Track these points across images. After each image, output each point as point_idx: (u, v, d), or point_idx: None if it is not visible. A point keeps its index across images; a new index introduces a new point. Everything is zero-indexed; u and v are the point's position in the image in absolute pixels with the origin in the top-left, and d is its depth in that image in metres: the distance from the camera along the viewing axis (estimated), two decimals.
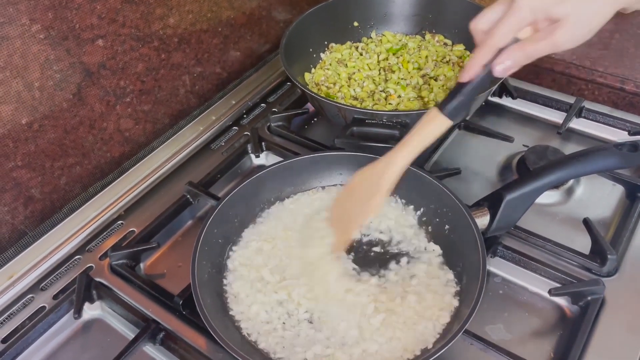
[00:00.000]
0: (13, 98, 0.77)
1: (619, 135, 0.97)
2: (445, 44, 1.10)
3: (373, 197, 0.69)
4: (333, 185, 0.87)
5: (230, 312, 0.72)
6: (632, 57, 1.08)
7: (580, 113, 1.00)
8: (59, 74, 0.81)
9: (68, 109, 0.85)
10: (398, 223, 0.81)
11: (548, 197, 0.87)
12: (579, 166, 0.73)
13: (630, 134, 0.96)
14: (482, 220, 0.74)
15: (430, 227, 0.80)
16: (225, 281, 0.75)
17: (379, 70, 1.06)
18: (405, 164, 0.69)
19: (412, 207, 0.83)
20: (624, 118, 0.98)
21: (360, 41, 1.14)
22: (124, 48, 0.89)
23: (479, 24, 0.64)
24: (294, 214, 0.84)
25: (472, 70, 0.63)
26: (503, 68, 0.62)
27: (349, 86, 1.02)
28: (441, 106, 0.65)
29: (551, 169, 0.74)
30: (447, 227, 0.78)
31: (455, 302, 0.70)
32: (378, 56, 1.08)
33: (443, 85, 0.99)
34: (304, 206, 0.85)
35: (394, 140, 0.82)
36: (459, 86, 0.64)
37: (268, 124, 1.04)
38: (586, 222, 0.80)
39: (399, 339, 0.67)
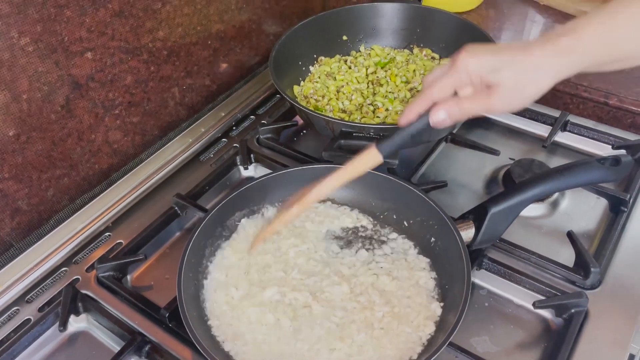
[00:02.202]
0: (1, 110, 0.77)
1: (603, 149, 0.98)
2: (432, 57, 1.12)
3: (289, 208, 0.74)
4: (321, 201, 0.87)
5: (208, 322, 0.72)
6: (616, 73, 1.07)
7: (565, 127, 1.02)
8: (47, 86, 0.81)
9: (56, 120, 0.85)
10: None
11: (533, 210, 0.88)
12: (563, 180, 0.74)
13: (613, 147, 0.97)
14: (467, 233, 0.75)
15: (416, 239, 0.81)
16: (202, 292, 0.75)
17: (367, 83, 1.07)
18: (332, 186, 0.72)
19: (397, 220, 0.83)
20: (607, 132, 0.99)
21: (349, 55, 1.15)
22: (113, 61, 0.90)
23: (428, 78, 0.67)
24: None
25: (408, 116, 0.66)
26: (437, 119, 0.64)
27: (337, 99, 1.03)
28: (377, 143, 0.69)
29: (535, 182, 0.75)
30: (432, 239, 0.78)
31: (440, 314, 0.71)
32: (366, 70, 1.09)
33: None
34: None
35: None
36: (398, 129, 0.68)
37: (257, 136, 1.04)
38: (570, 235, 0.81)
39: (383, 349, 0.67)
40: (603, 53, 0.61)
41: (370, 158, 0.70)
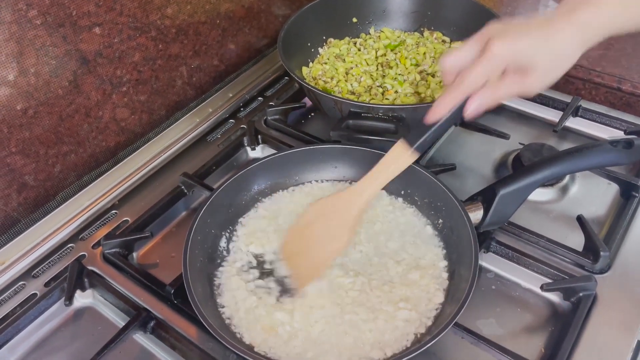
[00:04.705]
0: (8, 83, 0.76)
1: (614, 135, 0.97)
2: (443, 41, 1.11)
3: (342, 233, 0.70)
4: (328, 180, 0.86)
5: (218, 302, 0.72)
6: (630, 58, 1.08)
7: (577, 112, 1.00)
8: (55, 60, 0.81)
9: (63, 96, 0.85)
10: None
11: (543, 195, 0.87)
12: (573, 162, 0.73)
13: (626, 133, 0.96)
14: (476, 214, 0.74)
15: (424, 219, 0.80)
16: (216, 274, 0.75)
17: (377, 65, 1.06)
18: (373, 197, 0.70)
19: (406, 201, 0.83)
20: (620, 118, 0.98)
21: (358, 37, 1.14)
22: (121, 37, 0.89)
23: (448, 62, 0.64)
24: (289, 206, 0.84)
25: (441, 112, 0.63)
26: (474, 112, 0.62)
27: (346, 81, 1.02)
28: (410, 142, 0.67)
29: (545, 164, 0.74)
30: (440, 220, 0.78)
31: (447, 296, 0.70)
32: (376, 52, 1.08)
33: (440, 82, 0.99)
34: (299, 199, 0.85)
35: (389, 133, 0.83)
36: (426, 125, 0.65)
37: (265, 117, 1.03)
38: (580, 219, 0.80)
39: (388, 330, 0.67)
40: (628, 17, 0.60)
41: (404, 158, 0.67)
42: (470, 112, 0.62)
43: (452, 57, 0.64)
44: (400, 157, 0.68)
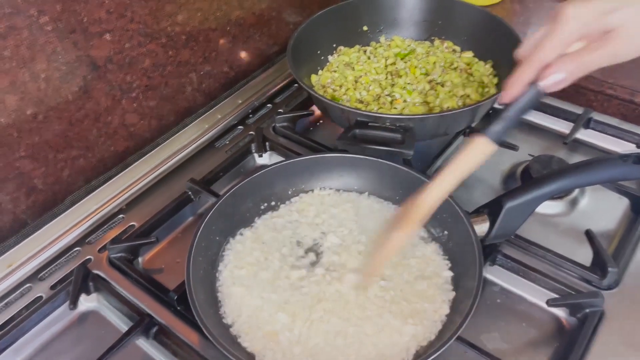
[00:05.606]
0: (19, 88, 0.78)
1: (626, 148, 0.96)
2: (453, 50, 1.10)
3: (403, 227, 0.66)
4: (332, 188, 0.86)
5: (220, 311, 0.72)
6: None
7: (588, 124, 0.99)
8: (66, 66, 0.82)
9: (73, 101, 0.85)
10: None
11: (551, 207, 0.86)
12: (582, 176, 0.72)
13: (638, 146, 0.95)
14: (482, 227, 0.74)
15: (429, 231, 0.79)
16: (217, 279, 0.75)
17: (386, 74, 1.05)
18: (445, 191, 0.65)
19: None
20: (632, 131, 0.96)
21: (368, 45, 1.14)
22: (132, 43, 0.90)
23: (523, 51, 0.59)
24: (292, 215, 0.83)
25: (515, 88, 0.57)
26: (554, 81, 0.56)
27: (355, 89, 1.02)
28: (485, 131, 0.61)
29: (553, 177, 0.73)
30: (445, 232, 0.77)
31: (450, 309, 0.70)
32: (386, 60, 1.08)
33: (450, 92, 0.99)
34: (303, 207, 0.84)
35: (396, 143, 0.82)
36: (502, 109, 0.60)
37: (273, 124, 1.04)
38: (588, 234, 0.79)
39: (391, 344, 0.66)
40: None
41: (481, 149, 0.61)
42: (549, 80, 0.55)
43: (524, 43, 0.58)
44: (474, 149, 0.62)
